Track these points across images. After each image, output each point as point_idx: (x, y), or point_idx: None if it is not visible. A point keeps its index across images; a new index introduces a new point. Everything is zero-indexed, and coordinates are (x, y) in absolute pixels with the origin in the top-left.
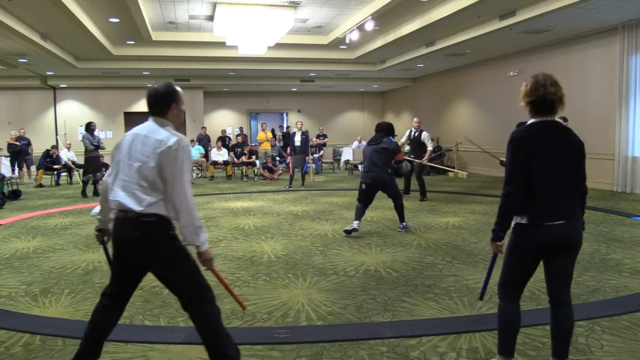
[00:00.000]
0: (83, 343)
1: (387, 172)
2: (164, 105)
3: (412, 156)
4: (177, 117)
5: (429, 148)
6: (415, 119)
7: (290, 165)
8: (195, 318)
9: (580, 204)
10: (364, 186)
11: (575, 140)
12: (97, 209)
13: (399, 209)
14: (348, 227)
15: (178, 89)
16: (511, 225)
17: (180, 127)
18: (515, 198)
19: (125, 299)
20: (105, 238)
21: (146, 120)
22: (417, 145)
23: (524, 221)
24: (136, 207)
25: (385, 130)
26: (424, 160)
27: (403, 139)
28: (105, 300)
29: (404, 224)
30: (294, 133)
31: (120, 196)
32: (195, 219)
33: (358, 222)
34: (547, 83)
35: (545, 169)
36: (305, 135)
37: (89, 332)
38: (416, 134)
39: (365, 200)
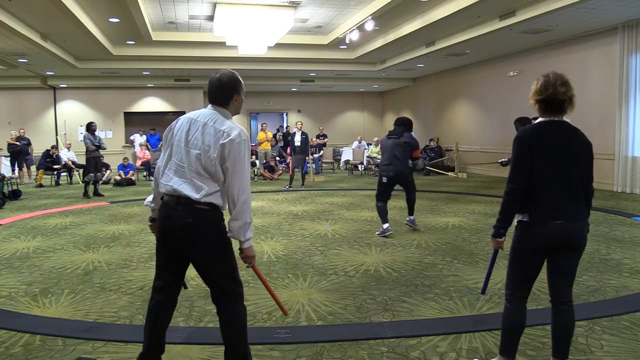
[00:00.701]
0: (146, 343)
1: (408, 166)
2: (227, 95)
3: None
4: (237, 108)
5: None
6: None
7: (290, 165)
8: (224, 312)
9: (586, 205)
10: (385, 179)
11: (583, 141)
12: (150, 197)
13: (412, 201)
14: (381, 233)
15: (240, 79)
16: (514, 223)
17: None
18: (517, 195)
19: (177, 289)
20: None
21: (205, 107)
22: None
23: (525, 219)
24: (194, 195)
25: (406, 125)
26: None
27: (377, 138)
28: (157, 296)
29: (412, 217)
30: (294, 133)
31: (175, 182)
32: (248, 214)
33: (387, 224)
34: (557, 82)
35: (548, 169)
36: (305, 136)
37: (150, 330)
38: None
39: (385, 195)
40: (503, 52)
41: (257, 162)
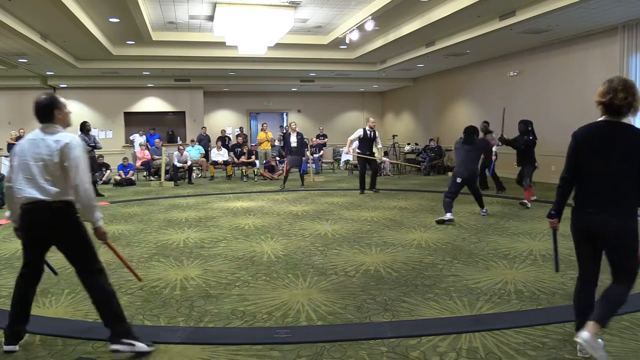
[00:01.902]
0: (14, 315)
1: (477, 168)
2: (49, 112)
3: (368, 153)
4: (66, 120)
5: (379, 146)
6: (372, 119)
7: (285, 165)
8: (91, 288)
9: (636, 201)
10: (459, 180)
11: (636, 141)
12: (8, 213)
13: (480, 198)
14: (443, 218)
15: (57, 97)
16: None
17: (180, 127)
18: (566, 184)
19: (41, 270)
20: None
21: (38, 128)
22: (370, 144)
23: (573, 205)
24: (48, 198)
25: (474, 132)
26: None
27: (354, 136)
28: (24, 277)
29: (485, 209)
30: (289, 134)
31: (30, 192)
32: (92, 199)
33: (451, 213)
34: (618, 88)
35: (592, 163)
36: (300, 136)
37: (18, 303)
38: (371, 133)
39: (455, 194)
40: (503, 52)
41: (257, 162)
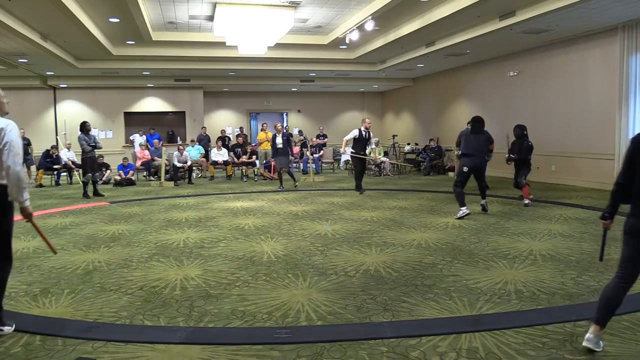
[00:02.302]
0: None
1: (485, 159)
2: None
3: (362, 153)
4: (1, 108)
5: (373, 147)
6: (367, 120)
7: (274, 167)
8: None
9: None
10: (465, 169)
11: None
12: None
13: (484, 190)
14: (460, 215)
15: None
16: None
17: (180, 127)
18: (620, 188)
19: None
20: None
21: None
22: (365, 144)
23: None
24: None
25: (482, 122)
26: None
27: (349, 137)
28: None
29: (485, 201)
30: (275, 135)
31: None
32: (21, 180)
33: (466, 206)
34: None
35: None
36: (286, 137)
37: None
38: (366, 134)
39: (464, 183)
40: (503, 52)
41: (257, 162)
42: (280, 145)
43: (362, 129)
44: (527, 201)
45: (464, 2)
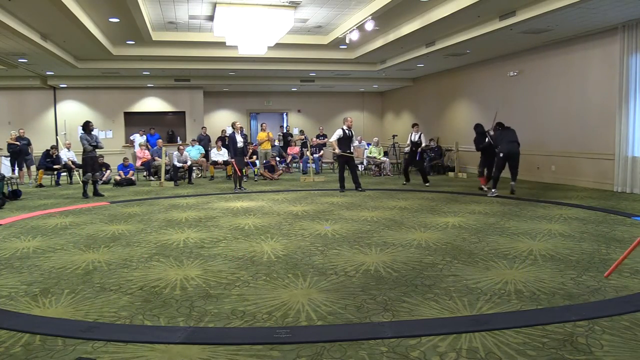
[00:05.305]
0: None
1: (518, 146)
2: None
3: (348, 151)
4: None
5: (356, 144)
6: (349, 119)
7: (236, 165)
8: None
9: None
10: (502, 154)
11: None
12: None
13: (516, 175)
14: (493, 194)
15: None
16: None
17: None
18: None
19: None
20: None
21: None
22: (349, 142)
23: None
24: None
25: (504, 125)
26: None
27: (334, 137)
28: None
29: (514, 182)
30: (233, 133)
31: None
32: None
33: (496, 189)
34: None
35: None
36: (245, 137)
37: None
38: (349, 132)
39: (502, 167)
40: (503, 52)
41: (257, 162)
42: (241, 145)
43: (345, 127)
44: (484, 187)
45: (464, 2)
